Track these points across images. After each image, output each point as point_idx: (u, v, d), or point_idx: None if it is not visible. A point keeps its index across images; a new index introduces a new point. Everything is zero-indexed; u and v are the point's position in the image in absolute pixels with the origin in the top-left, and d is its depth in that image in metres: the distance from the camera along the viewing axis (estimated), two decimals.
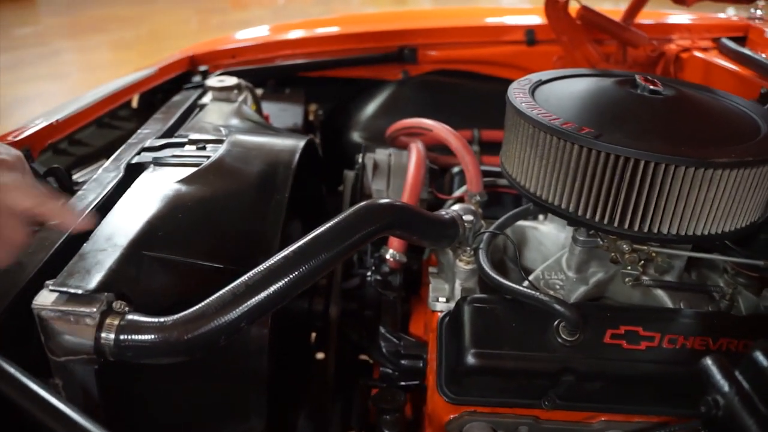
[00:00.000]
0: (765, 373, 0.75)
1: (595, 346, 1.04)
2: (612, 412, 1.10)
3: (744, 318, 1.15)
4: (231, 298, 0.86)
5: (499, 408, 1.10)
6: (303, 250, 0.93)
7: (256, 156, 1.20)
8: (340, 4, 10.17)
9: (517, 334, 1.05)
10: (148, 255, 0.97)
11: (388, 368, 1.29)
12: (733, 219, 1.05)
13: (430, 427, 1.22)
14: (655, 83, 1.15)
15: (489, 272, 1.12)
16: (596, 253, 1.23)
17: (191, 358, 0.86)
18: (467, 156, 1.40)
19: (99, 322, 0.84)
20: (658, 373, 1.04)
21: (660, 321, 1.07)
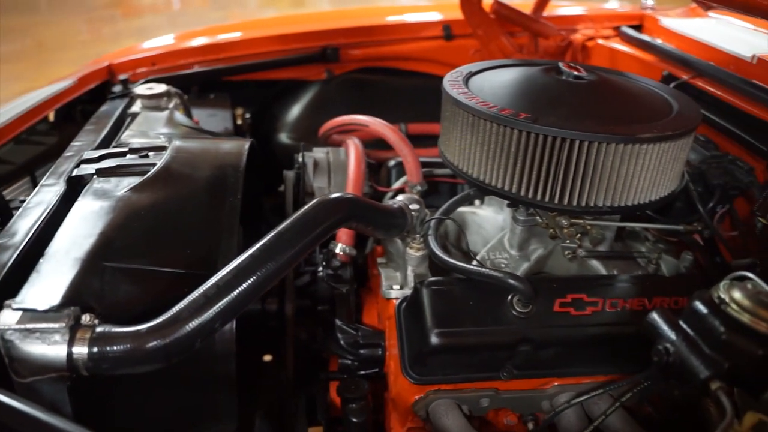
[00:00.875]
0: (705, 319, 0.84)
1: (547, 316, 1.11)
2: (564, 376, 1.19)
3: (671, 278, 1.27)
4: (203, 300, 0.87)
5: (462, 384, 1.16)
6: (268, 247, 0.95)
7: (203, 160, 1.20)
8: (237, 8, 10.00)
9: (475, 311, 1.11)
10: (109, 266, 0.96)
11: (347, 359, 1.31)
12: (657, 189, 1.15)
13: (394, 411, 1.27)
14: (578, 69, 1.24)
15: (442, 256, 1.17)
16: (536, 230, 1.31)
17: (169, 364, 0.86)
18: (405, 148, 1.45)
19: (70, 336, 0.82)
20: (603, 335, 1.13)
21: (601, 287, 1.16)
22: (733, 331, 0.81)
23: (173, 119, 1.47)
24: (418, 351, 1.13)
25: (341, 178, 1.48)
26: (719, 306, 0.84)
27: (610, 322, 1.13)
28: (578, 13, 2.12)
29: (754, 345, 0.80)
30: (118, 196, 1.08)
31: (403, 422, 1.24)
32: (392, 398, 1.24)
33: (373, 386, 1.29)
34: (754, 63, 1.52)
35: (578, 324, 1.12)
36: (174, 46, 1.99)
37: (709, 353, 0.82)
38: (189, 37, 2.09)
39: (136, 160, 1.20)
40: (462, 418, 1.14)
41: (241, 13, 9.52)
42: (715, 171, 1.34)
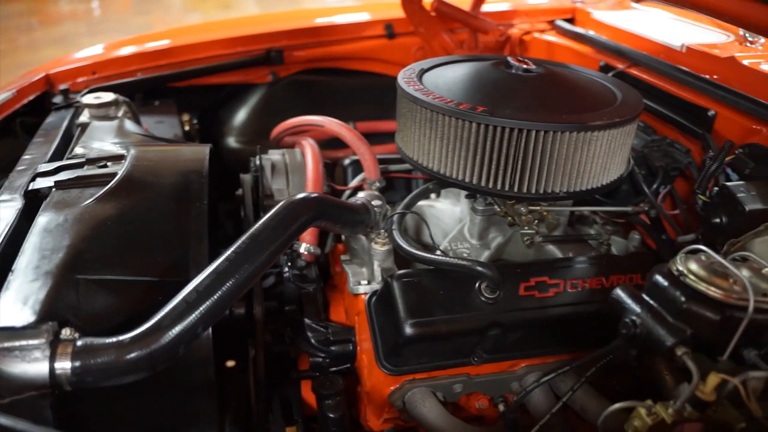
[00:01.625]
0: (666, 291, 0.91)
1: (513, 300, 1.16)
2: (531, 357, 1.24)
3: (625, 257, 1.34)
4: (184, 306, 0.87)
5: (435, 372, 1.20)
6: (244, 250, 0.96)
7: (166, 168, 1.19)
8: (160, 12, 9.74)
9: (445, 300, 1.14)
10: (82, 278, 0.94)
11: (319, 357, 1.33)
12: (608, 173, 1.21)
13: (370, 404, 1.29)
14: (526, 63, 1.29)
15: (409, 249, 1.20)
16: (494, 219, 1.36)
17: (153, 372, 0.85)
18: (362, 146, 1.48)
19: (51, 352, 0.81)
20: (566, 315, 1.18)
21: (561, 269, 1.22)
22: (692, 300, 0.88)
23: (124, 128, 1.45)
24: (392, 342, 1.15)
25: (299, 179, 1.49)
26: (678, 278, 0.90)
27: (572, 302, 1.19)
28: (515, 8, 2.19)
29: (712, 311, 0.87)
30: (83, 207, 1.06)
31: (379, 414, 1.27)
32: (367, 392, 1.27)
33: (344, 382, 1.31)
34: (683, 51, 1.61)
35: (543, 306, 1.17)
36: (114, 53, 1.94)
37: (672, 322, 0.88)
38: (127, 44, 2.04)
39: (96, 170, 1.18)
40: (438, 404, 1.18)
41: (165, 18, 9.29)
42: (657, 154, 1.43)
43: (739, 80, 1.42)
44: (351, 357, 1.32)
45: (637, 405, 0.84)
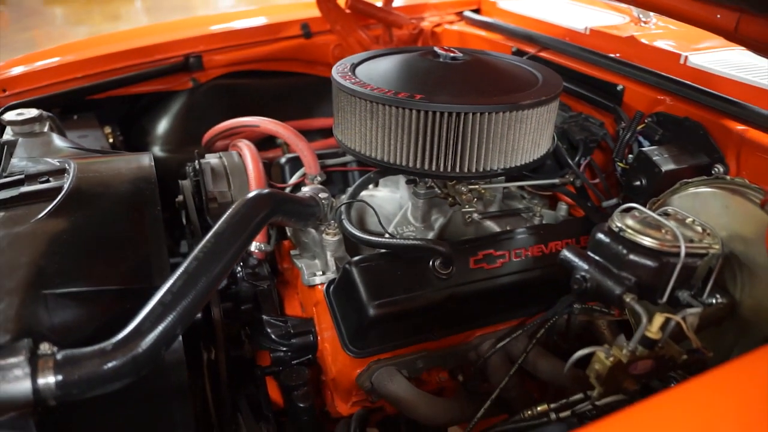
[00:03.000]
0: (609, 246, 1.00)
1: (465, 273, 1.24)
2: (484, 326, 1.32)
3: (559, 225, 1.44)
4: (161, 309, 0.88)
5: (398, 350, 1.25)
6: (210, 249, 0.98)
7: (113, 178, 1.18)
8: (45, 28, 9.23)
9: (403, 280, 1.20)
10: (48, 293, 0.93)
11: (280, 351, 1.35)
12: (538, 148, 1.31)
13: (336, 390, 1.33)
14: (452, 51, 1.37)
15: (363, 236, 1.24)
16: (435, 201, 1.43)
17: (138, 377, 0.86)
18: (300, 143, 1.51)
19: (32, 368, 0.80)
20: (513, 283, 1.27)
21: (505, 241, 1.30)
22: (633, 251, 0.97)
23: (54, 143, 1.41)
24: (357, 326, 1.20)
25: (240, 180, 1.50)
26: (618, 233, 1.00)
27: (517, 270, 1.28)
28: (422, 1, 2.27)
29: (651, 259, 0.97)
30: (35, 223, 1.04)
31: (346, 398, 1.31)
32: (333, 378, 1.30)
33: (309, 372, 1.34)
34: (587, 34, 1.75)
35: (492, 276, 1.25)
36: (23, 69, 1.86)
37: (617, 273, 0.98)
38: (33, 59, 1.96)
39: (38, 186, 1.15)
40: (405, 381, 1.23)
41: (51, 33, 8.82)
42: (575, 128, 1.54)
43: (640, 56, 1.56)
44: (312, 348, 1.35)
45: (596, 350, 0.93)
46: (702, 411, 0.70)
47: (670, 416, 0.68)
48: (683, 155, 1.31)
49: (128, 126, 2.02)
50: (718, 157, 1.28)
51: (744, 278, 1.06)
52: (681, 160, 1.29)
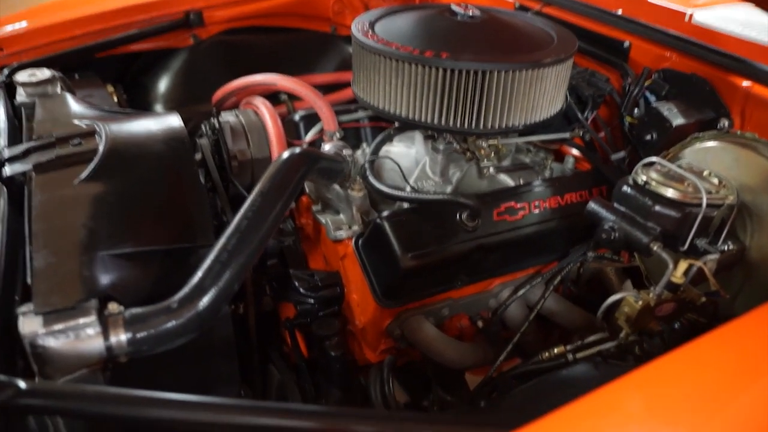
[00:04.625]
0: (635, 198, 1.07)
1: (490, 225, 1.30)
2: (503, 275, 1.39)
3: (573, 177, 1.50)
4: (219, 266, 0.93)
5: (426, 300, 1.32)
6: (258, 208, 1.02)
7: (146, 138, 1.19)
8: None
9: (432, 233, 1.26)
10: (104, 254, 0.96)
11: (308, 304, 1.41)
12: (555, 104, 1.36)
13: (364, 340, 1.39)
14: (468, 9, 1.39)
15: (390, 191, 1.29)
16: (453, 156, 1.48)
17: (201, 332, 0.91)
18: (318, 100, 1.53)
19: (103, 327, 0.84)
20: (533, 233, 1.34)
21: (524, 194, 1.37)
22: (658, 203, 1.04)
23: (72, 104, 1.41)
24: (389, 279, 1.26)
25: (259, 138, 1.52)
26: (644, 186, 1.07)
27: (537, 222, 1.34)
28: None
29: (675, 210, 1.04)
30: (77, 187, 1.06)
31: (375, 347, 1.38)
32: (362, 328, 1.37)
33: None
34: None
35: (514, 227, 1.32)
36: (19, 27, 1.82)
37: (644, 223, 1.05)
38: (22, 17, 1.92)
39: (71, 149, 1.16)
40: (434, 328, 1.31)
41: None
42: (583, 84, 1.59)
43: (645, 13, 1.61)
44: (339, 299, 1.41)
45: (626, 295, 1.01)
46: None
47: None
48: (691, 110, 1.37)
49: (128, 84, 2.00)
50: (724, 112, 1.35)
51: (753, 226, 1.14)
52: (689, 115, 1.36)
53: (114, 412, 0.75)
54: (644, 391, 0.72)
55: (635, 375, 0.71)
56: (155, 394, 0.76)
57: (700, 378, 0.74)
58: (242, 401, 0.72)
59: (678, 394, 0.71)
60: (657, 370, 0.72)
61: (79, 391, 0.78)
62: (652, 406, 0.69)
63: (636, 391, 0.72)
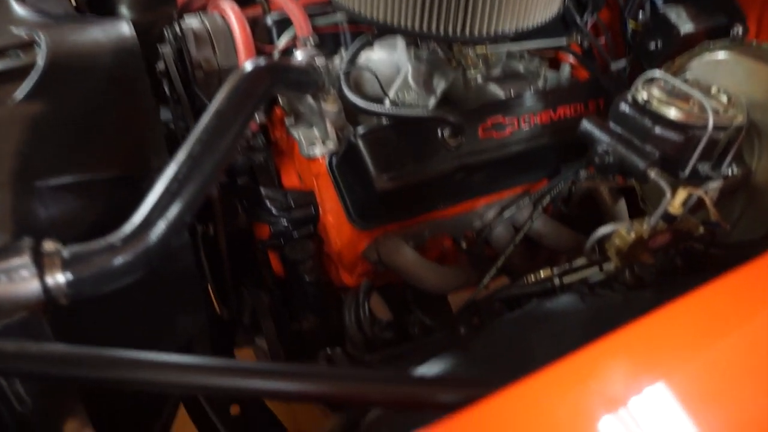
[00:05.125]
0: (633, 118, 0.97)
1: (475, 143, 1.19)
2: (489, 194, 1.30)
3: (566, 89, 1.38)
4: (168, 197, 0.83)
5: (405, 222, 1.24)
6: (213, 129, 0.91)
7: (92, 50, 1.07)
8: None
9: (411, 151, 1.16)
10: (41, 185, 0.87)
11: (280, 224, 1.33)
12: (550, 8, 1.22)
13: (340, 263, 1.33)
14: None
15: (366, 105, 1.18)
16: (437, 64, 1.35)
17: (150, 269, 0.83)
18: (289, 2, 1.38)
19: (38, 268, 0.76)
20: (522, 151, 1.24)
21: (513, 107, 1.25)
22: (659, 124, 0.94)
23: (13, 8, 1.26)
24: (364, 200, 1.17)
25: (225, 45, 1.38)
26: (644, 105, 0.96)
27: (526, 138, 1.24)
28: None
29: (677, 133, 0.94)
30: (12, 107, 0.95)
31: (352, 270, 1.31)
32: (337, 251, 1.29)
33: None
34: None
35: (502, 145, 1.22)
36: None
37: (642, 147, 0.95)
38: None
39: (7, 63, 1.04)
40: (413, 251, 1.24)
41: None
42: None
43: None
44: (314, 220, 1.33)
45: (618, 227, 0.92)
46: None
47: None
48: (701, 15, 1.24)
49: None
50: (739, 18, 1.21)
51: (762, 148, 1.04)
52: (699, 21, 1.23)
53: (60, 373, 0.68)
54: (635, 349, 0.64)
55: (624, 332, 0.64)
56: (105, 352, 0.69)
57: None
58: (195, 361, 0.65)
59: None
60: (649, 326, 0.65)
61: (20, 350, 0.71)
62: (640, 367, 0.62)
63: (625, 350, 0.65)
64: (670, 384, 0.60)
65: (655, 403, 0.58)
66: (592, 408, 0.58)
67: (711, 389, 0.62)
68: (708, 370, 0.63)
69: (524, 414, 0.58)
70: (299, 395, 0.68)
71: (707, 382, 0.62)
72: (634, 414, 0.57)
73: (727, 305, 0.67)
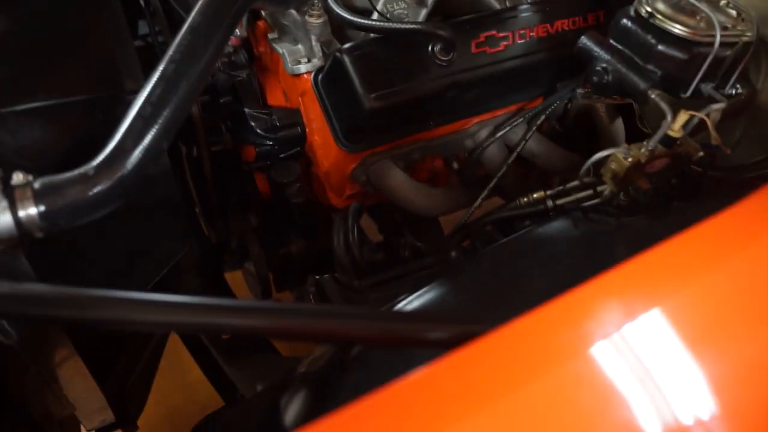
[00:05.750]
0: (635, 34, 0.91)
1: (467, 58, 1.13)
2: (481, 113, 1.25)
3: (563, 0, 1.29)
4: (142, 123, 0.79)
5: (394, 142, 1.19)
6: (187, 47, 0.85)
7: None
8: None
9: (400, 68, 1.10)
10: (7, 112, 0.82)
11: (266, 145, 1.28)
12: None
13: (328, 184, 1.29)
14: None
15: (353, 18, 1.10)
16: None
17: (127, 199, 0.80)
18: None
19: (9, 201, 0.72)
20: (517, 67, 1.18)
21: (507, 21, 1.18)
22: (662, 41, 0.88)
23: None
24: (351, 120, 1.12)
25: None
26: (647, 20, 0.90)
27: (522, 54, 1.18)
28: None
29: (681, 50, 0.88)
30: None
31: (340, 192, 1.28)
32: (325, 171, 1.25)
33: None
34: None
35: (495, 61, 1.15)
36: None
37: (643, 66, 0.90)
38: None
39: None
40: (402, 174, 1.20)
41: None
42: None
43: None
44: (301, 139, 1.28)
45: (615, 151, 0.89)
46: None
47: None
48: None
49: None
50: None
51: None
52: None
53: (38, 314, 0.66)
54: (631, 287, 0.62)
55: (620, 270, 0.61)
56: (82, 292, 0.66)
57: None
58: (173, 299, 0.63)
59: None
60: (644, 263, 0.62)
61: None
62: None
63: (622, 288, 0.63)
64: (667, 314, 0.59)
65: (652, 333, 0.57)
66: (588, 344, 0.57)
67: (707, 320, 0.61)
68: (704, 303, 0.62)
69: (519, 354, 0.57)
70: (280, 333, 0.66)
71: (704, 313, 0.61)
72: (631, 343, 0.56)
73: (724, 239, 0.65)
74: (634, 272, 0.62)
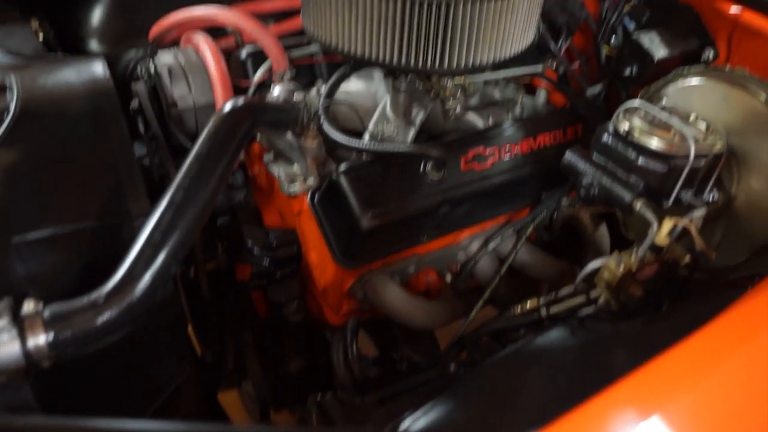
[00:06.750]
0: (616, 150, 0.97)
1: (457, 176, 1.19)
2: (471, 225, 1.30)
3: (544, 116, 1.38)
4: (152, 249, 0.81)
5: (389, 258, 1.22)
6: (195, 175, 0.90)
7: (65, 94, 1.04)
8: None
9: (394, 187, 1.15)
10: (19, 241, 0.84)
11: (263, 264, 1.30)
12: (527, 36, 1.22)
13: (326, 301, 1.30)
14: None
15: (347, 141, 1.16)
16: (416, 95, 1.34)
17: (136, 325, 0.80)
18: (265, 36, 1.36)
19: (18, 330, 0.73)
20: (504, 182, 1.23)
21: (493, 138, 1.25)
22: (642, 155, 0.94)
23: None
24: (348, 238, 1.15)
25: (201, 80, 1.36)
26: (626, 136, 0.96)
27: (508, 169, 1.24)
28: None
29: (660, 163, 0.94)
30: None
31: (337, 309, 1.29)
32: (323, 289, 1.27)
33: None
34: None
35: (484, 177, 1.21)
36: None
37: (626, 178, 0.95)
38: None
39: None
40: (399, 288, 1.22)
41: None
42: (556, 10, 1.45)
43: None
44: (297, 259, 1.31)
45: (607, 260, 0.92)
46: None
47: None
48: (675, 40, 1.25)
49: (58, 20, 1.78)
50: (708, 42, 1.23)
51: (741, 172, 1.05)
52: (673, 47, 1.24)
53: None
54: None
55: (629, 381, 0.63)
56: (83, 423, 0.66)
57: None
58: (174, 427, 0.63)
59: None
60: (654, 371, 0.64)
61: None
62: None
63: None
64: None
65: None
66: None
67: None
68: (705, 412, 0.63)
69: None
70: None
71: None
72: None
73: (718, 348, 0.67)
74: (637, 384, 0.64)
